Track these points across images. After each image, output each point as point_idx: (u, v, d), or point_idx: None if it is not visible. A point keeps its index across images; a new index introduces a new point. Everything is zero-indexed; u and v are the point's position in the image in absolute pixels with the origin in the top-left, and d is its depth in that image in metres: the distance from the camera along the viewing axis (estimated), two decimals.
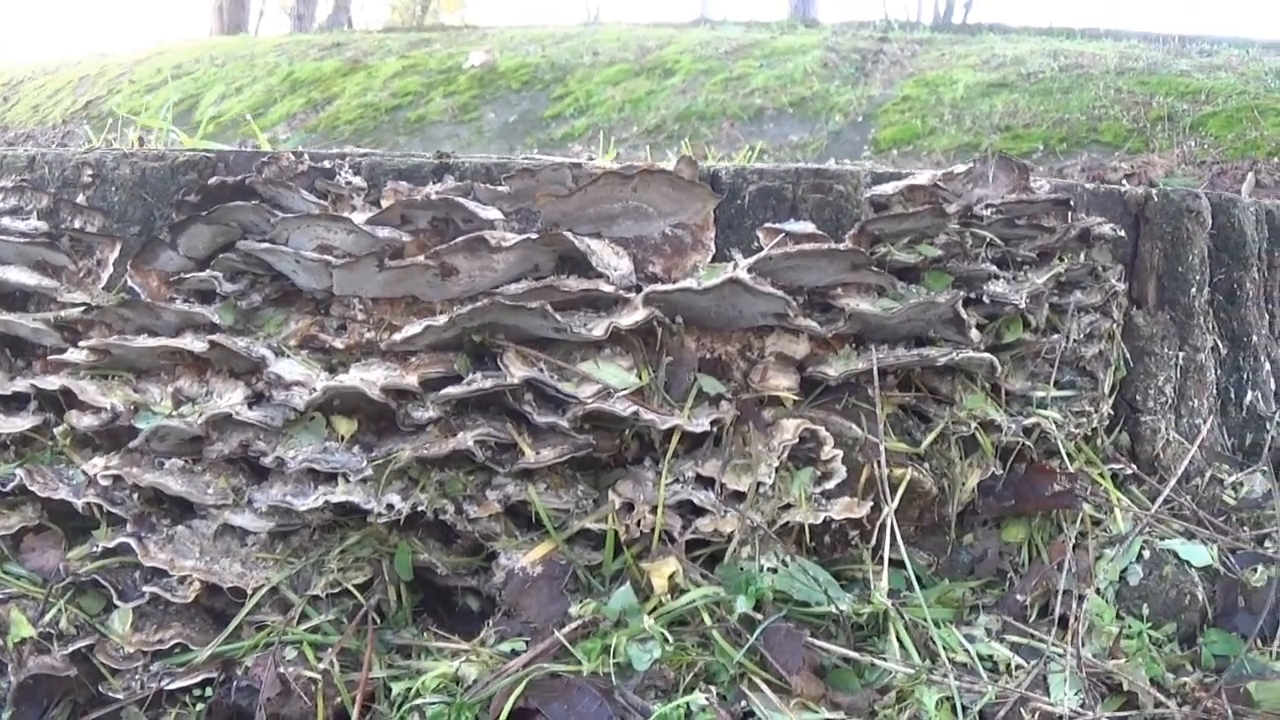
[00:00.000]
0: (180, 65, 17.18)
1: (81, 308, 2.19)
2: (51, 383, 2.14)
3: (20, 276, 2.17)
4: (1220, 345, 2.84)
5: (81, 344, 2.15)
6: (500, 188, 2.03)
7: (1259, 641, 2.13)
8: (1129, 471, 2.52)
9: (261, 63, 16.49)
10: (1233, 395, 2.87)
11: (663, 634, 1.87)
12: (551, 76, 13.45)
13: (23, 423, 2.19)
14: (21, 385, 2.20)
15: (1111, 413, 2.59)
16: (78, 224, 2.23)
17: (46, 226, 2.21)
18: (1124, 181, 7.92)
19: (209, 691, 1.98)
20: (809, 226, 2.12)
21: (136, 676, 2.06)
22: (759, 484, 2.04)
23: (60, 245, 2.21)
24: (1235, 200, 2.86)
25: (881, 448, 2.09)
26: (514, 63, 13.96)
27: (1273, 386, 2.98)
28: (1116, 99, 10.13)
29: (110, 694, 2.04)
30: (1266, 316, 3.01)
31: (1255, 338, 2.91)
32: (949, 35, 14.05)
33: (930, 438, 2.21)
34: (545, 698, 1.78)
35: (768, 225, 2.12)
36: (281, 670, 1.90)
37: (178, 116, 14.11)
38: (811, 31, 14.94)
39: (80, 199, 2.22)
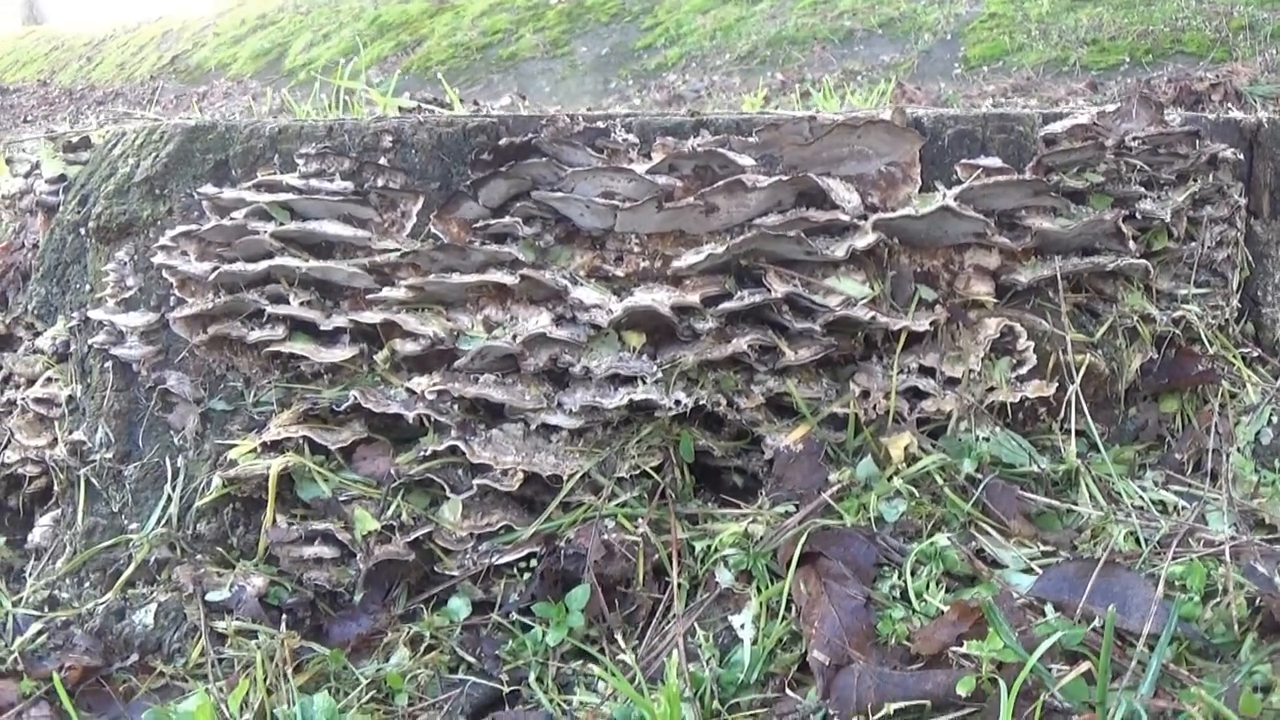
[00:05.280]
0: (265, 15, 17.45)
1: (395, 253, 2.51)
2: (371, 318, 2.49)
3: (335, 229, 2.51)
4: None
5: (401, 283, 2.51)
6: (750, 139, 2.48)
7: None
8: (1255, 354, 2.97)
9: (346, 8, 16.68)
10: None
11: (910, 490, 2.35)
12: (640, 7, 13.60)
13: (342, 353, 2.53)
14: (340, 321, 2.54)
15: (1239, 306, 3.02)
16: (380, 182, 2.57)
17: (352, 186, 2.55)
18: (1210, 91, 8.17)
19: (533, 563, 2.37)
20: (997, 161, 2.57)
21: (468, 556, 2.43)
22: (969, 371, 2.51)
23: (370, 200, 2.56)
24: None
25: (1068, 338, 2.56)
26: None
27: None
28: (1198, 9, 10.23)
29: (446, 572, 2.43)
30: None
31: None
32: None
33: (1102, 330, 2.67)
34: (824, 544, 2.21)
35: (964, 161, 2.57)
36: (605, 537, 2.36)
37: (267, 65, 14.51)
38: None
39: (382, 161, 2.58)
